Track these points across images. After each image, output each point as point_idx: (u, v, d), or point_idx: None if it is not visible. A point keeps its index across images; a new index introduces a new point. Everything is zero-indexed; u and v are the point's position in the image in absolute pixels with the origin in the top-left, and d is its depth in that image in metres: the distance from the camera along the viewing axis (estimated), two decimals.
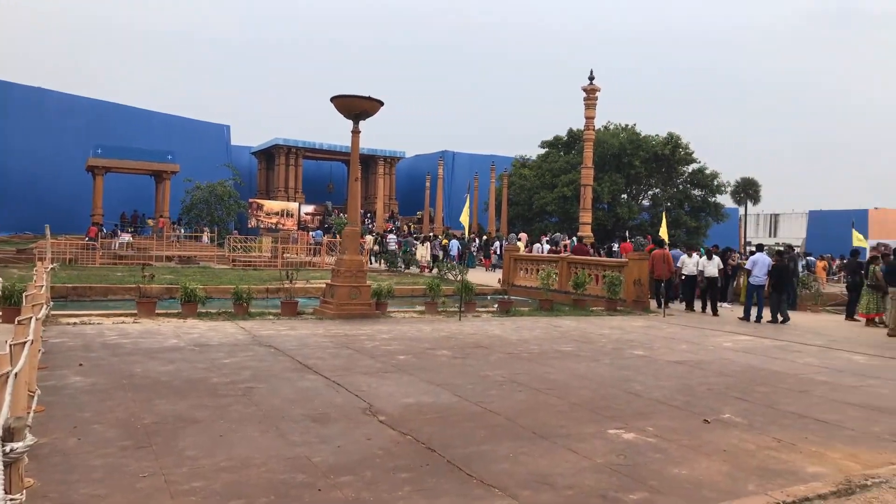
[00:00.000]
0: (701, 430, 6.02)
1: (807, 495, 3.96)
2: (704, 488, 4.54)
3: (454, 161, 59.23)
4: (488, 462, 4.94)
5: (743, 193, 58.90)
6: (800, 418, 6.56)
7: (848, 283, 17.68)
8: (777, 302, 15.37)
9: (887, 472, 4.48)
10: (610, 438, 5.66)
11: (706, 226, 44.62)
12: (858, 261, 17.14)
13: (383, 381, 7.51)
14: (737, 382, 8.24)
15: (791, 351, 11.04)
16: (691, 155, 43.78)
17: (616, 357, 9.83)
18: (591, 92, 27.94)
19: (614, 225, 41.98)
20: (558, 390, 7.43)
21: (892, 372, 9.39)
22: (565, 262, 19.71)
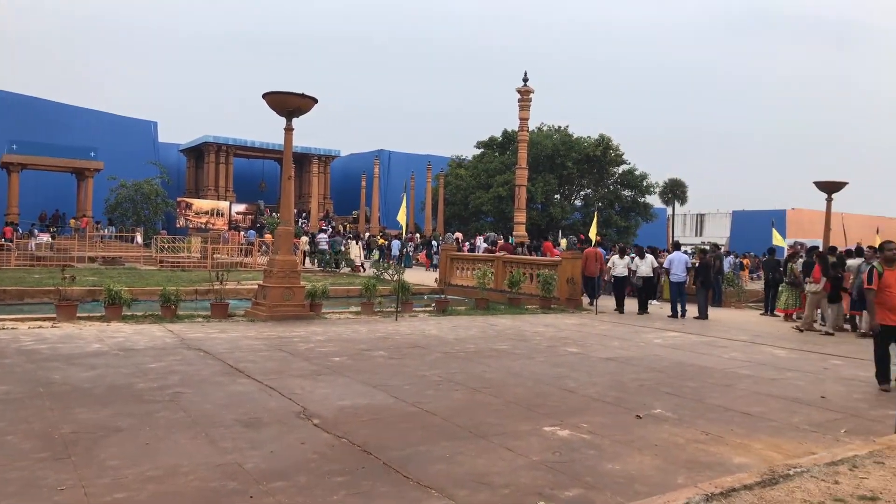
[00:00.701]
0: (633, 425, 6.15)
1: (733, 486, 4.08)
2: (637, 482, 4.63)
3: (390, 160, 59.00)
4: (425, 463, 4.90)
5: (671, 194, 60.78)
6: (726, 411, 6.78)
7: (766, 281, 18.47)
8: (704, 298, 15.92)
9: (808, 462, 4.67)
10: (546, 436, 5.71)
11: (636, 225, 45.89)
12: (775, 259, 17.93)
13: (318, 384, 7.38)
14: (667, 378, 8.46)
15: (717, 346, 11.43)
16: (621, 156, 44.95)
17: (550, 354, 9.95)
18: (525, 93, 28.27)
19: (548, 224, 42.67)
20: (494, 389, 7.46)
21: (810, 365, 9.83)
22: (501, 262, 19.88)
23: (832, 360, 10.19)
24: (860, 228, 35.67)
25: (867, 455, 4.83)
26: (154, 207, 41.13)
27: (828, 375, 9.01)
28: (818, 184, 19.39)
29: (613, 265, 17.11)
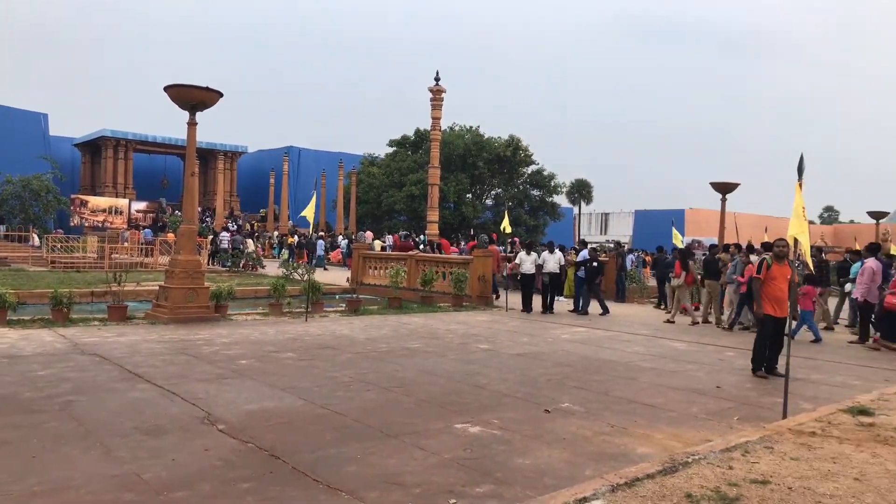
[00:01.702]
0: (543, 419, 6.26)
1: (637, 476, 4.22)
2: (546, 476, 4.71)
3: (300, 157, 57.86)
4: (336, 465, 4.81)
5: (577, 194, 62.72)
6: (630, 403, 7.02)
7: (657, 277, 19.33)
8: (597, 294, 16.38)
9: (705, 449, 4.89)
10: (457, 433, 5.73)
11: (544, 224, 46.99)
12: (664, 255, 18.84)
13: (223, 388, 7.12)
14: (574, 372, 8.68)
15: (621, 340, 11.84)
16: (531, 157, 45.89)
17: (462, 352, 10.02)
18: (437, 93, 28.39)
19: (460, 223, 43.04)
20: (407, 388, 7.43)
21: (707, 356, 10.35)
22: (414, 260, 19.87)
23: (727, 352, 10.76)
24: (751, 227, 37.87)
25: (758, 441, 5.11)
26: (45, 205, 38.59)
27: (723, 366, 9.50)
28: (713, 184, 20.44)
29: (521, 262, 16.57)
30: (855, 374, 9.16)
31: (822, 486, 4.17)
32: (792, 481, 4.22)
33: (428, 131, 32.76)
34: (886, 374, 9.15)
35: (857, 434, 5.41)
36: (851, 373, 9.22)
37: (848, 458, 4.77)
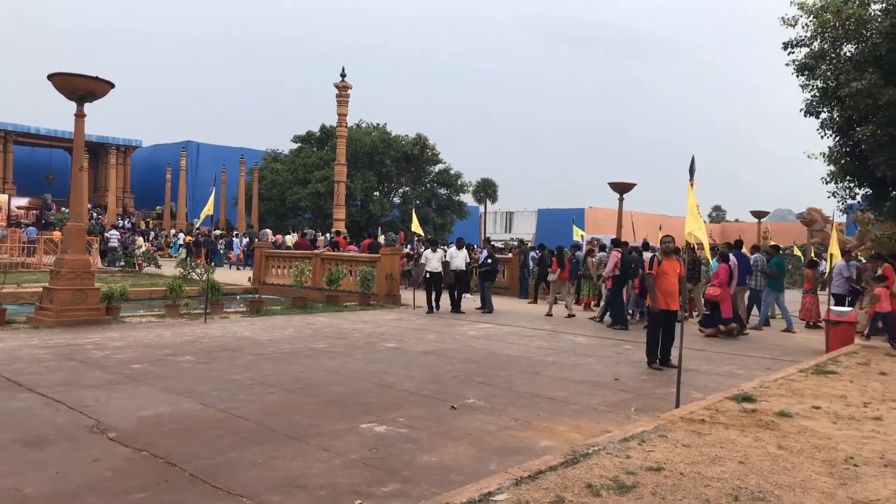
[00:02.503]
0: (449, 416, 6.30)
1: (540, 468, 4.31)
2: (452, 472, 4.74)
3: (199, 152, 55.60)
4: (236, 470, 4.66)
5: (483, 193, 63.56)
6: (533, 397, 7.18)
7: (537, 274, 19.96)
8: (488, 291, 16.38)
9: (604, 440, 5.06)
10: (363, 433, 5.68)
11: (451, 222, 47.37)
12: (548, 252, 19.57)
13: (114, 394, 6.75)
14: (479, 368, 8.79)
15: (525, 336, 12.10)
16: (438, 155, 46.14)
17: (369, 351, 9.94)
18: (344, 89, 28.05)
19: (367, 221, 42.73)
20: (311, 389, 7.29)
21: (606, 350, 10.73)
22: (319, 259, 19.55)
23: (624, 346, 11.20)
24: (647, 225, 39.67)
25: (653, 430, 5.34)
26: None
27: (621, 359, 9.88)
28: (611, 184, 21.24)
29: (427, 260, 15.79)
30: (739, 363, 9.75)
31: (711, 470, 4.40)
32: (683, 467, 4.43)
33: (334, 127, 32.33)
34: (767, 363, 9.79)
35: (742, 420, 5.75)
36: (736, 363, 9.81)
37: (733, 442, 5.06)
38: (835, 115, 12.63)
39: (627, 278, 13.69)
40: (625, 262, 13.57)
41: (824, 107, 12.73)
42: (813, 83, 12.78)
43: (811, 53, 12.66)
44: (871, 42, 11.66)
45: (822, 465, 4.58)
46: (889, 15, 11.42)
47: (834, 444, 5.12)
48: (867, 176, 12.57)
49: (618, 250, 14.23)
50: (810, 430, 5.48)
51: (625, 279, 13.72)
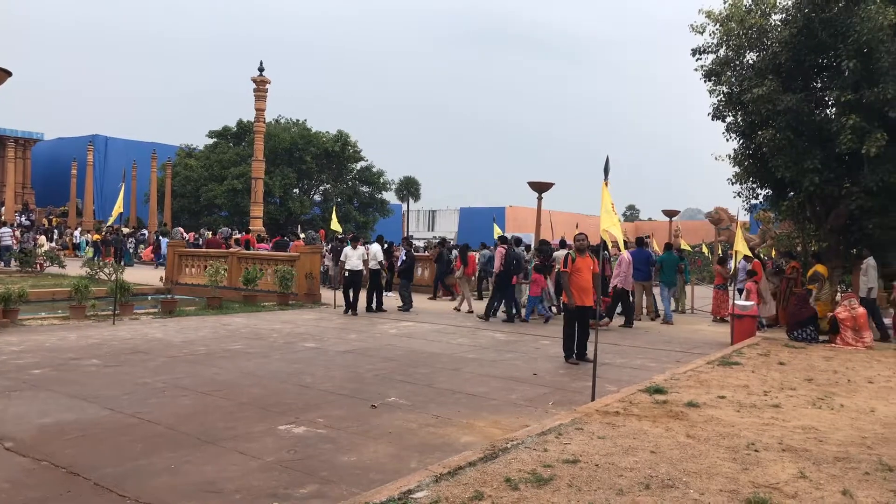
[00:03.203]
0: (369, 415, 6.25)
1: (460, 465, 4.33)
2: (372, 471, 4.70)
3: (107, 147, 53.05)
4: (146, 477, 4.46)
5: (406, 191, 63.48)
6: (454, 394, 7.22)
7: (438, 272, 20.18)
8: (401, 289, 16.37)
9: (523, 435, 5.14)
10: (281, 434, 5.56)
11: (373, 220, 47.11)
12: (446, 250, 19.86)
13: (12, 402, 6.35)
14: (400, 366, 8.77)
15: (447, 333, 12.15)
16: (360, 153, 45.77)
17: (287, 351, 9.75)
18: (262, 83, 27.40)
19: (286, 219, 41.92)
20: (227, 391, 7.08)
21: (525, 346, 10.92)
22: (235, 258, 19.02)
23: (542, 341, 11.42)
24: (564, 224, 40.64)
25: (570, 423, 5.46)
26: None
27: (539, 354, 10.07)
28: (531, 184, 21.62)
29: (346, 258, 15.09)
30: (651, 357, 10.12)
31: (624, 460, 4.54)
32: (599, 458, 4.55)
33: (251, 123, 31.54)
34: (677, 356, 10.20)
35: (654, 411, 5.97)
36: (648, 356, 10.18)
37: (646, 433, 5.24)
38: (739, 120, 13.27)
39: (511, 274, 14.27)
40: (507, 258, 14.20)
41: (729, 111, 13.36)
42: (719, 88, 13.38)
43: (717, 60, 13.26)
44: (771, 51, 12.33)
45: (727, 452, 4.80)
46: (787, 25, 12.10)
47: (737, 431, 5.38)
48: (768, 177, 13.27)
49: (503, 247, 14.77)
50: (716, 419, 5.74)
51: (508, 275, 14.25)
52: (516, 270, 14.23)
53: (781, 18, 12.52)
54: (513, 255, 14.28)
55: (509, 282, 14.26)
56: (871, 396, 6.95)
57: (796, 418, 5.90)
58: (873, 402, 6.70)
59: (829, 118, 11.85)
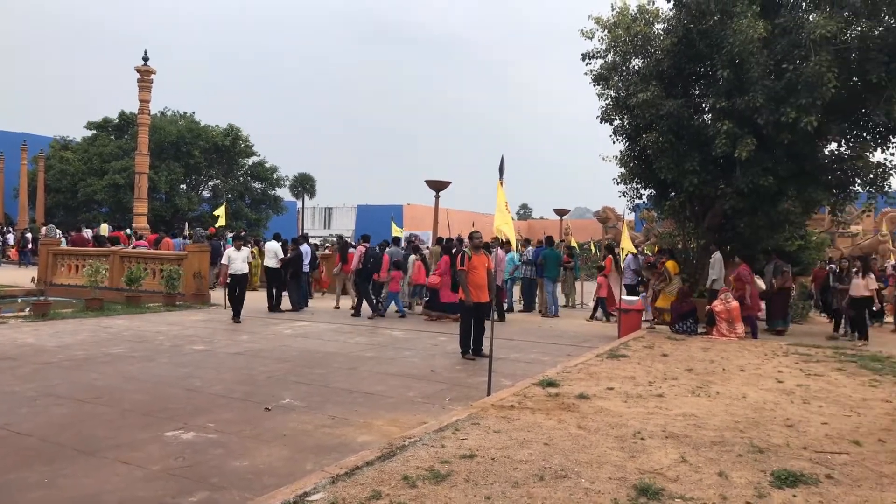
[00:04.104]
0: (262, 418, 6.07)
1: (357, 465, 4.28)
2: (266, 476, 4.56)
3: None
4: (16, 494, 4.13)
5: (300, 188, 62.19)
6: (350, 393, 7.14)
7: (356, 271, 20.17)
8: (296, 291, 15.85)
9: (420, 432, 5.15)
10: (168, 441, 5.29)
11: (266, 218, 45.89)
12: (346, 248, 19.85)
13: None
14: (295, 367, 8.58)
15: (343, 332, 12.00)
16: (251, 148, 44.42)
17: (175, 354, 9.31)
18: (146, 73, 26.08)
19: (173, 216, 40.07)
20: (108, 398, 6.67)
21: (422, 343, 10.96)
22: (118, 257, 17.98)
23: (440, 338, 11.51)
24: (461, 222, 41.19)
25: (467, 418, 5.53)
26: None
27: (437, 351, 10.14)
28: (428, 182, 21.75)
29: (230, 260, 13.44)
30: (544, 351, 10.42)
31: (519, 453, 4.64)
32: (495, 452, 4.63)
33: (135, 114, 29.93)
34: (569, 349, 10.55)
35: (547, 404, 6.14)
36: (541, 350, 10.47)
37: (539, 426, 5.38)
38: (625, 123, 13.88)
39: (370, 272, 14.72)
40: (366, 256, 14.69)
41: (616, 114, 13.95)
42: (607, 92, 13.95)
43: (605, 65, 13.82)
44: (654, 58, 12.98)
45: (615, 441, 5.01)
46: (669, 35, 12.78)
47: (625, 420, 5.63)
48: (651, 178, 13.98)
49: (364, 245, 15.13)
50: (605, 410, 5.98)
51: (368, 272, 14.68)
52: (374, 268, 14.69)
53: (664, 28, 13.21)
54: (371, 253, 14.84)
55: (368, 279, 14.74)
56: (742, 383, 7.47)
57: (678, 406, 6.24)
58: (745, 388, 7.19)
59: (706, 123, 12.61)
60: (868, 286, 12.09)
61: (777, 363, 8.91)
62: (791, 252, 16.67)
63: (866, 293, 12.12)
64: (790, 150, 11.91)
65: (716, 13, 11.83)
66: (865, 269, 12.36)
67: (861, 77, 11.51)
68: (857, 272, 12.44)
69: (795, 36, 11.24)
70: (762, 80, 11.25)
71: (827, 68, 10.62)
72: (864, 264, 12.57)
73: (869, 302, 12.42)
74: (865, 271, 12.28)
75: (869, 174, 12.32)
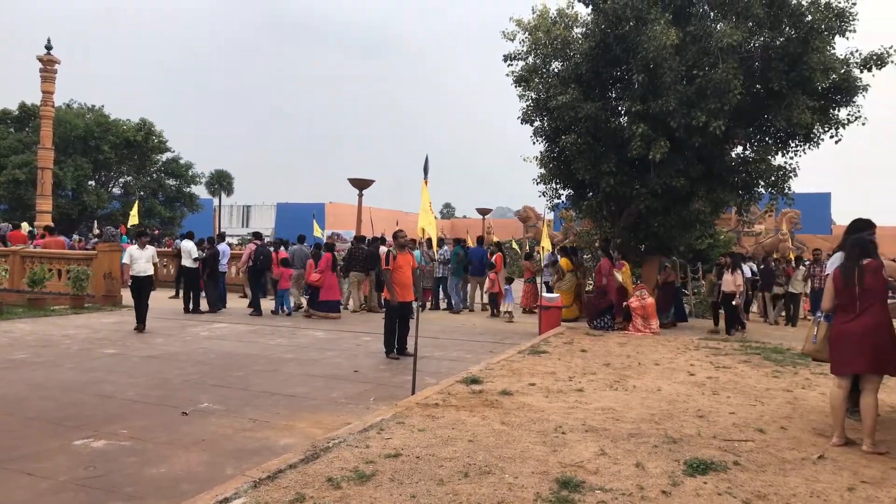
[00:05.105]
0: (179, 423, 5.87)
1: (280, 467, 4.20)
2: (184, 482, 4.41)
3: None
4: None
5: (217, 185, 60.33)
6: (272, 396, 6.99)
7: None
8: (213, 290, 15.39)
9: (344, 432, 5.10)
10: (77, 450, 5.04)
11: (181, 216, 44.29)
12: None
13: None
14: (213, 370, 8.33)
15: (263, 334, 11.74)
16: (165, 143, 42.76)
17: (84, 359, 8.87)
18: (50, 63, 24.73)
19: (80, 214, 38.13)
20: (10, 406, 6.29)
21: (346, 343, 10.85)
22: (19, 256, 16.96)
23: (363, 338, 11.43)
24: (385, 221, 40.99)
25: (391, 418, 5.51)
26: None
27: (360, 351, 10.06)
28: (351, 180, 21.57)
29: (133, 260, 11.91)
30: (467, 348, 10.51)
31: (444, 450, 4.67)
32: (420, 451, 4.64)
33: (37, 106, 28.30)
34: (491, 346, 10.68)
35: (471, 401, 6.20)
36: (465, 348, 10.56)
37: (464, 423, 5.43)
38: (545, 124, 14.15)
39: (261, 269, 14.96)
40: (256, 254, 14.88)
41: (537, 116, 14.20)
42: (528, 94, 14.19)
43: (526, 67, 14.05)
44: (573, 61, 13.28)
45: (538, 436, 5.11)
46: (587, 39, 13.11)
47: (546, 416, 5.75)
48: (570, 179, 14.31)
49: (254, 243, 15.33)
50: (528, 406, 6.09)
51: (259, 270, 14.92)
52: (265, 265, 14.91)
53: (582, 32, 13.54)
54: (260, 250, 14.96)
55: (260, 276, 15.00)
56: (657, 377, 7.76)
57: (597, 400, 6.43)
58: (659, 381, 7.48)
59: (622, 126, 13.01)
60: (735, 282, 12.70)
61: (689, 357, 9.32)
62: (702, 250, 17.48)
63: (733, 288, 12.72)
64: (700, 153, 12.45)
65: (631, 19, 12.22)
66: (735, 265, 12.99)
67: (764, 85, 12.16)
68: (727, 268, 13.06)
69: (705, 44, 11.75)
70: (675, 85, 11.71)
71: (733, 76, 11.17)
72: (733, 261, 13.23)
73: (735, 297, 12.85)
74: (734, 268, 12.91)
75: (771, 176, 13.01)
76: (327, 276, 14.24)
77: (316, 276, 14.27)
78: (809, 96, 11.80)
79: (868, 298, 5.04)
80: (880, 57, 11.94)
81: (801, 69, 11.63)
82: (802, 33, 11.70)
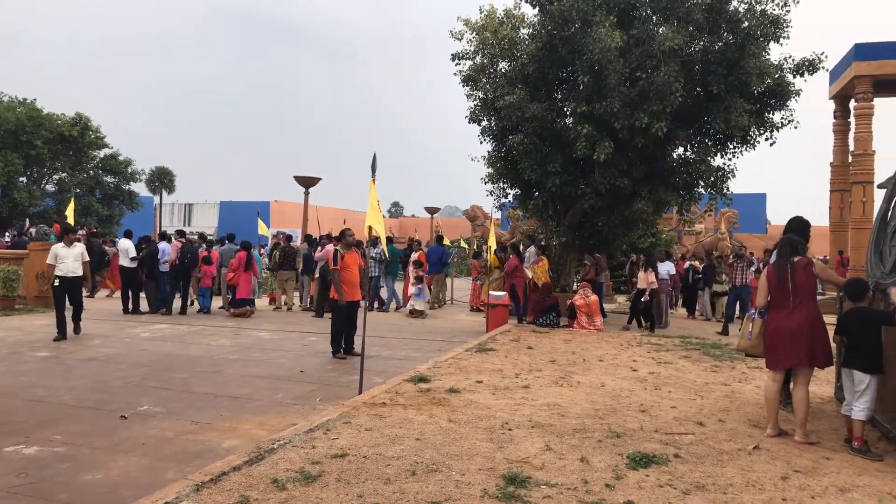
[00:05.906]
0: (118, 427, 5.68)
1: (223, 470, 4.11)
2: (122, 488, 4.28)
3: None
4: None
5: (158, 182, 58.69)
6: (215, 398, 6.84)
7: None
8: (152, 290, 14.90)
9: (290, 433, 5.02)
10: (7, 457, 4.83)
11: (120, 214, 42.89)
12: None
13: None
14: (154, 372, 8.10)
15: (206, 335, 11.48)
16: (103, 139, 41.32)
17: (14, 362, 8.51)
18: None
19: (11, 212, 36.56)
20: None
21: (291, 343, 10.70)
22: None
23: (310, 338, 11.29)
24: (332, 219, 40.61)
25: (338, 418, 5.46)
26: None
27: (306, 351, 9.94)
28: (297, 178, 21.28)
29: (60, 259, 11.04)
30: (415, 347, 10.50)
31: (391, 449, 4.65)
32: (367, 450, 4.61)
33: None
34: (439, 344, 10.70)
35: (418, 399, 6.19)
36: (413, 346, 10.55)
37: (411, 421, 5.42)
38: (492, 124, 14.27)
39: (188, 267, 14.82)
40: (182, 252, 14.76)
41: (484, 116, 14.30)
42: (475, 93, 14.28)
43: (474, 66, 14.14)
44: (520, 62, 13.43)
45: (485, 433, 5.14)
46: (534, 40, 13.26)
47: (493, 412, 5.79)
48: (517, 178, 14.46)
49: (179, 240, 15.23)
50: (475, 403, 6.12)
51: (183, 268, 14.76)
52: (191, 264, 14.77)
53: (529, 33, 13.69)
54: (188, 249, 14.85)
55: (185, 274, 14.85)
56: (601, 373, 7.91)
57: (543, 397, 6.50)
58: (603, 377, 7.62)
59: (568, 126, 13.21)
60: (647, 279, 13.07)
61: (632, 353, 9.52)
62: (644, 248, 17.88)
63: (645, 285, 13.08)
64: (643, 154, 12.74)
65: (577, 21, 12.41)
66: (648, 263, 13.37)
67: (704, 88, 12.52)
68: (642, 266, 13.43)
69: (648, 47, 12.03)
70: (618, 86, 11.94)
71: (675, 78, 11.46)
72: (647, 259, 13.62)
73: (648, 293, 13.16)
74: (647, 266, 13.28)
75: (710, 177, 13.42)
76: (240, 274, 14.37)
77: (231, 275, 14.52)
78: (746, 100, 12.22)
79: (799, 295, 5.24)
80: (812, 63, 12.46)
81: (739, 73, 12.03)
82: (740, 39, 12.10)
